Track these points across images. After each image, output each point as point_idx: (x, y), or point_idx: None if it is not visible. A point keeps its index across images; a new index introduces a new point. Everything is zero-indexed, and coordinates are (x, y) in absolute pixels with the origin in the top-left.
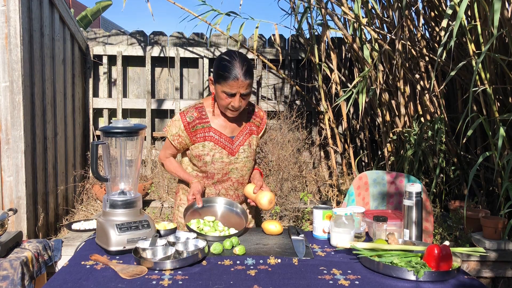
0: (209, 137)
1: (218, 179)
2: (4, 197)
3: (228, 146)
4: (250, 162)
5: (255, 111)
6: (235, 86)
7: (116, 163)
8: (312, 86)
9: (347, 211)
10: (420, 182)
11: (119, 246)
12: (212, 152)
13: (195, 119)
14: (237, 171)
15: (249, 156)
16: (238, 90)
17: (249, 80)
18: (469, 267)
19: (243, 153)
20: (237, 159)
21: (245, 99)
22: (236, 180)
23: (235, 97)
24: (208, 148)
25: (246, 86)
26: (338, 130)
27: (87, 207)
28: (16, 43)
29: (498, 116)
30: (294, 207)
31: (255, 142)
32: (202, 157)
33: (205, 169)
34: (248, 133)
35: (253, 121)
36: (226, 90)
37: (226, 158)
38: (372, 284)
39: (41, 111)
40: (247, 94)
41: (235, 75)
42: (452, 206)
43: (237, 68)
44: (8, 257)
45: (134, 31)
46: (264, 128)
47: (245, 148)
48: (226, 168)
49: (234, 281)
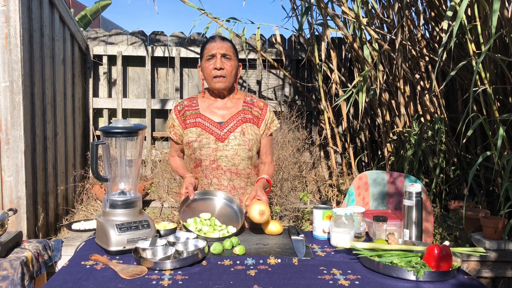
0: (197, 123)
1: (207, 166)
2: (4, 197)
3: (216, 132)
4: (244, 152)
5: (253, 101)
6: (214, 47)
7: (116, 163)
8: (312, 86)
9: (347, 211)
10: (420, 182)
11: (119, 246)
12: (199, 138)
13: (185, 106)
14: (227, 158)
15: (242, 144)
16: (217, 50)
17: (227, 43)
18: (469, 267)
19: (233, 140)
20: (226, 146)
21: (229, 63)
22: (228, 169)
23: (215, 58)
24: (196, 133)
25: (226, 48)
26: (338, 130)
27: (87, 207)
28: (16, 43)
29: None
30: (294, 207)
31: (250, 131)
32: (191, 143)
33: (194, 156)
34: (241, 120)
35: (249, 109)
36: (207, 54)
37: (214, 144)
38: (372, 284)
39: (41, 111)
40: (229, 58)
41: (212, 39)
42: (452, 206)
43: (215, 36)
44: (8, 257)
45: (134, 31)
46: (266, 119)
47: (236, 135)
48: (214, 154)
49: (234, 281)
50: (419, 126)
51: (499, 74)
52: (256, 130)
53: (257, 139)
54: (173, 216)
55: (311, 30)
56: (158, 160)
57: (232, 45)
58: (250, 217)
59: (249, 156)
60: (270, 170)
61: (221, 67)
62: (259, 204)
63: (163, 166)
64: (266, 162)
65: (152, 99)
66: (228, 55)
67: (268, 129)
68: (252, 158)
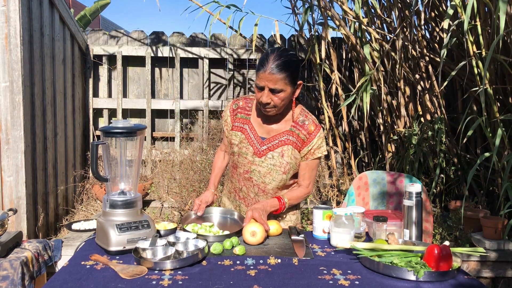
0: (244, 129)
1: (241, 173)
2: (4, 197)
3: (256, 146)
4: (277, 173)
5: (304, 123)
6: (263, 78)
7: (116, 163)
8: (312, 86)
9: (347, 211)
10: (420, 182)
11: (119, 246)
12: (240, 145)
13: (239, 107)
14: (260, 174)
15: (278, 165)
16: (266, 83)
17: (279, 75)
18: (469, 267)
19: (271, 159)
20: (262, 162)
21: (277, 97)
22: (257, 184)
23: (263, 91)
24: (239, 139)
25: (275, 81)
26: (338, 130)
27: (87, 207)
28: (16, 43)
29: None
30: None
31: (290, 154)
32: (233, 145)
33: (233, 158)
34: (284, 141)
35: (296, 131)
36: (256, 83)
37: (251, 156)
38: (372, 284)
39: (41, 111)
40: (279, 91)
41: (264, 66)
42: (452, 206)
43: (270, 60)
44: (8, 257)
45: (134, 31)
46: (312, 144)
47: (274, 155)
48: (248, 166)
49: (234, 281)
50: (419, 126)
51: (499, 74)
52: (296, 155)
53: (296, 163)
54: (173, 216)
55: (311, 30)
56: (158, 160)
57: (285, 75)
58: (243, 238)
59: (282, 179)
60: (298, 193)
61: (267, 102)
62: (253, 225)
63: (163, 166)
64: (301, 185)
65: (152, 99)
66: (277, 90)
67: (312, 154)
68: (284, 181)
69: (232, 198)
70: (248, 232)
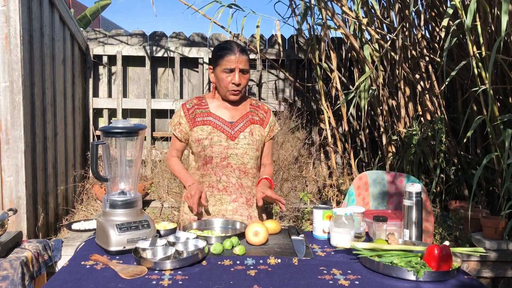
0: (208, 121)
1: (217, 163)
2: (4, 197)
3: (227, 131)
4: (252, 151)
5: (258, 104)
6: (233, 60)
7: (116, 163)
8: (312, 86)
9: (347, 211)
10: (420, 182)
11: (119, 246)
12: (210, 136)
13: (194, 105)
14: (237, 157)
15: (251, 144)
16: (237, 65)
17: (245, 56)
18: (469, 267)
19: (243, 139)
20: (236, 145)
21: (244, 77)
22: (237, 167)
23: (234, 73)
24: (207, 131)
25: (244, 62)
26: (338, 130)
27: (87, 207)
28: (16, 43)
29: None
30: (294, 207)
31: (257, 131)
32: (201, 141)
33: (204, 153)
34: (249, 121)
35: (256, 111)
36: (226, 66)
37: (225, 142)
38: (372, 284)
39: (41, 111)
40: (246, 72)
41: (232, 50)
42: (452, 206)
43: (233, 45)
44: (8, 257)
45: (134, 31)
46: (270, 122)
47: (245, 135)
48: (225, 152)
49: (234, 281)
50: (419, 126)
51: (499, 74)
52: (262, 132)
53: (262, 140)
54: (173, 216)
55: (310, 30)
56: (158, 160)
57: (248, 58)
58: (246, 238)
59: (256, 156)
60: (271, 170)
61: (239, 83)
62: (256, 225)
63: (163, 166)
64: (267, 164)
65: (152, 99)
66: (245, 70)
67: (272, 131)
68: (258, 158)
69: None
70: (251, 232)
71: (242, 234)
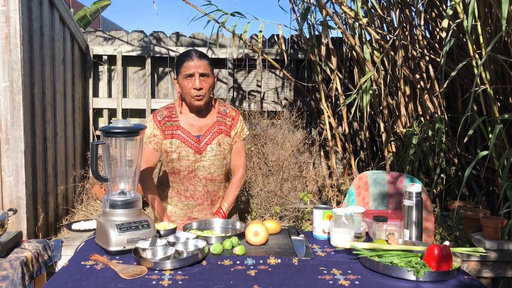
0: (177, 135)
1: (185, 176)
2: (4, 197)
3: (195, 145)
4: (219, 161)
5: (226, 111)
6: (192, 66)
7: (116, 163)
8: (312, 86)
9: (347, 211)
10: (420, 182)
11: (119, 246)
12: (178, 150)
13: (165, 117)
14: (204, 168)
15: (218, 154)
16: (196, 69)
17: (204, 61)
18: (469, 267)
19: (210, 151)
20: (203, 157)
21: (206, 82)
22: (204, 177)
23: (194, 78)
24: (175, 145)
25: (204, 66)
26: (338, 130)
27: (87, 207)
28: (16, 43)
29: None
30: (294, 207)
31: (226, 141)
32: (169, 153)
33: (172, 165)
34: (217, 132)
35: (223, 120)
36: (185, 72)
37: (192, 156)
38: (372, 284)
39: (41, 111)
40: (207, 76)
41: (189, 56)
42: (452, 206)
43: (192, 52)
44: (8, 257)
45: (134, 31)
46: (237, 127)
47: (213, 147)
48: (192, 166)
49: (234, 281)
50: (419, 126)
51: (499, 74)
52: (229, 140)
53: (230, 148)
54: None
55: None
56: None
57: (208, 62)
58: (246, 238)
59: (223, 164)
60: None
61: (200, 87)
62: (256, 225)
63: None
64: (239, 166)
65: (152, 99)
66: (206, 74)
67: (238, 136)
68: (226, 165)
69: (176, 201)
70: (251, 232)
71: (242, 234)
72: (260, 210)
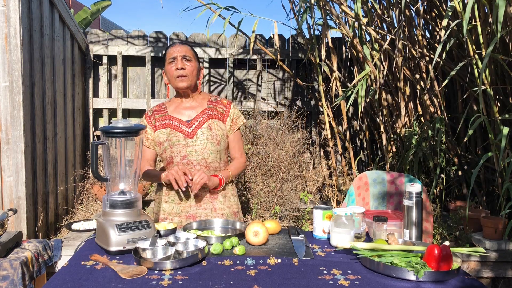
0: (167, 123)
1: (178, 162)
2: (4, 197)
3: (185, 130)
4: (213, 145)
5: (217, 100)
6: (174, 51)
7: (116, 163)
8: (312, 86)
9: (347, 211)
10: (420, 182)
11: (119, 246)
12: (169, 137)
13: (154, 111)
14: (197, 153)
15: (210, 138)
16: (178, 53)
17: (186, 46)
18: (469, 267)
19: (202, 135)
20: (195, 141)
21: (189, 64)
22: (198, 163)
23: (176, 60)
24: (166, 133)
25: (186, 50)
26: (338, 130)
27: (87, 207)
28: (16, 43)
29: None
30: (294, 207)
31: (216, 126)
32: (162, 143)
33: (165, 154)
34: (207, 117)
35: (214, 107)
36: (169, 58)
37: (183, 140)
38: (372, 284)
39: (41, 111)
40: (189, 60)
41: (172, 44)
42: (452, 206)
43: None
44: (8, 257)
45: (134, 31)
46: (232, 114)
47: (204, 131)
48: (184, 150)
49: (234, 281)
50: (419, 126)
51: (499, 74)
52: (222, 126)
53: (224, 134)
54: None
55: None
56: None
57: (191, 48)
58: (246, 238)
59: (217, 150)
60: (237, 164)
61: (182, 67)
62: (256, 225)
63: None
64: (236, 157)
65: (152, 99)
66: (188, 57)
67: (235, 124)
68: (221, 152)
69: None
70: (251, 232)
71: (242, 234)
72: (260, 210)
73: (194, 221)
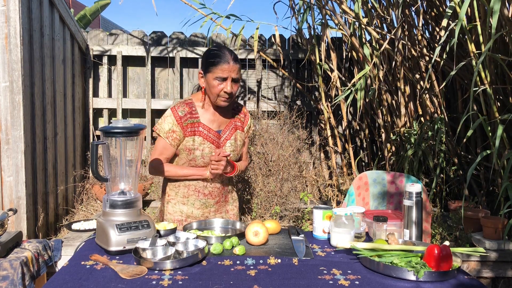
0: (199, 131)
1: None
2: (4, 197)
3: (216, 141)
4: (235, 155)
5: (239, 107)
6: (226, 69)
7: (116, 163)
8: (312, 86)
9: (347, 211)
10: (420, 182)
11: (119, 246)
12: (201, 147)
13: (187, 113)
14: None
15: (234, 150)
16: (230, 74)
17: (238, 65)
18: (469, 267)
19: (229, 147)
20: None
21: (235, 86)
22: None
23: (226, 81)
24: (198, 142)
25: (237, 71)
26: (338, 130)
27: (87, 207)
28: (16, 43)
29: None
30: (294, 207)
31: (239, 137)
32: (192, 151)
33: (195, 162)
34: (234, 128)
35: (238, 116)
36: (218, 75)
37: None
38: (372, 284)
39: (41, 111)
40: (237, 81)
41: (225, 59)
42: (452, 206)
43: (227, 54)
44: (8, 257)
45: (134, 31)
46: (248, 124)
47: (231, 142)
48: None
49: (234, 281)
50: (419, 126)
51: (499, 74)
52: (242, 136)
53: (242, 142)
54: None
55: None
56: None
57: (240, 67)
58: (246, 238)
59: (237, 159)
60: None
61: (231, 92)
62: (256, 225)
63: None
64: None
65: (152, 99)
66: (237, 79)
67: (248, 132)
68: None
69: (193, 200)
70: (251, 232)
71: (242, 234)
72: (260, 210)
73: (194, 221)
